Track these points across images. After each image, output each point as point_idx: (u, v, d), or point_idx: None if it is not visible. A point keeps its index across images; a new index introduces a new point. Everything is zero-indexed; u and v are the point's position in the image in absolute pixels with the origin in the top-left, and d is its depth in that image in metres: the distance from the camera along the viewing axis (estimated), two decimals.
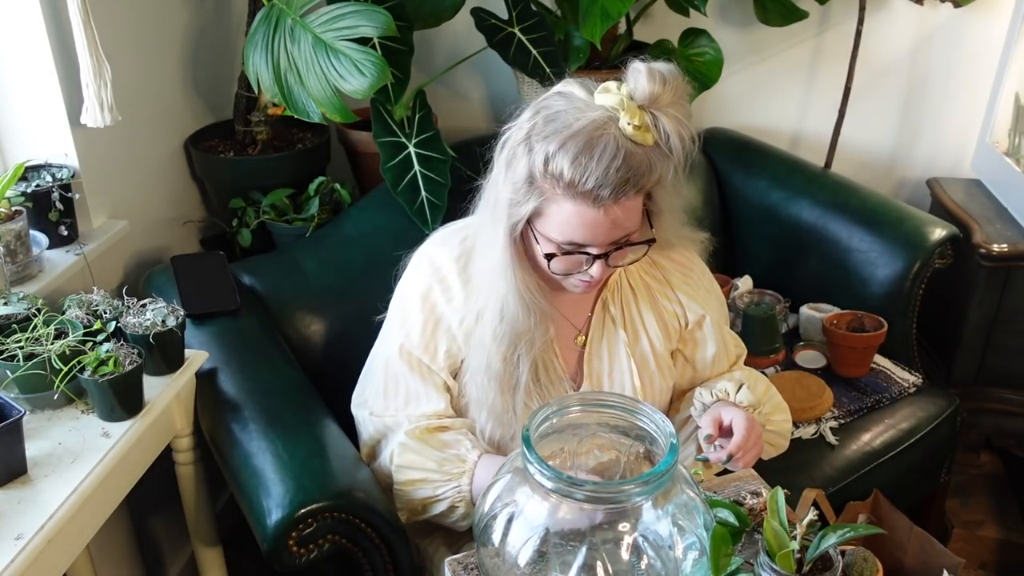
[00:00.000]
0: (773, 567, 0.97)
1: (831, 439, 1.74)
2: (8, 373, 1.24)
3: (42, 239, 1.55)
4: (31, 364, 1.24)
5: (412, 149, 1.76)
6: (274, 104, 1.90)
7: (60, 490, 1.16)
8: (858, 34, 2.20)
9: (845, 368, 1.90)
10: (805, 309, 2.02)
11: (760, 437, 1.28)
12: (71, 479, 1.17)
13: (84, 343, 1.30)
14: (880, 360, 1.95)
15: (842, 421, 1.79)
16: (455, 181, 1.75)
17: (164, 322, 1.37)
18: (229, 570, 1.66)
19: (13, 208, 1.47)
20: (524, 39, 1.85)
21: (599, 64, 2.12)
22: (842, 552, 1.05)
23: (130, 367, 1.27)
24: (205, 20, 2.06)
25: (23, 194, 1.51)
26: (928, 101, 2.41)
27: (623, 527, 0.93)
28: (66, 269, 1.55)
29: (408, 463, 1.32)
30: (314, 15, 1.58)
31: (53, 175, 1.57)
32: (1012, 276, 2.07)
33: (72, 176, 1.59)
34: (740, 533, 1.07)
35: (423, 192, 1.74)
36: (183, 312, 1.41)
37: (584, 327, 1.38)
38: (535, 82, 1.88)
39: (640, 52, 1.56)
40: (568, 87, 1.20)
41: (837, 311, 1.96)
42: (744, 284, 2.11)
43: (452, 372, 1.36)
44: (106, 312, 1.40)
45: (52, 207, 1.54)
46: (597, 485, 0.92)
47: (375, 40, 1.65)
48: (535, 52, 1.85)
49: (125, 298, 1.41)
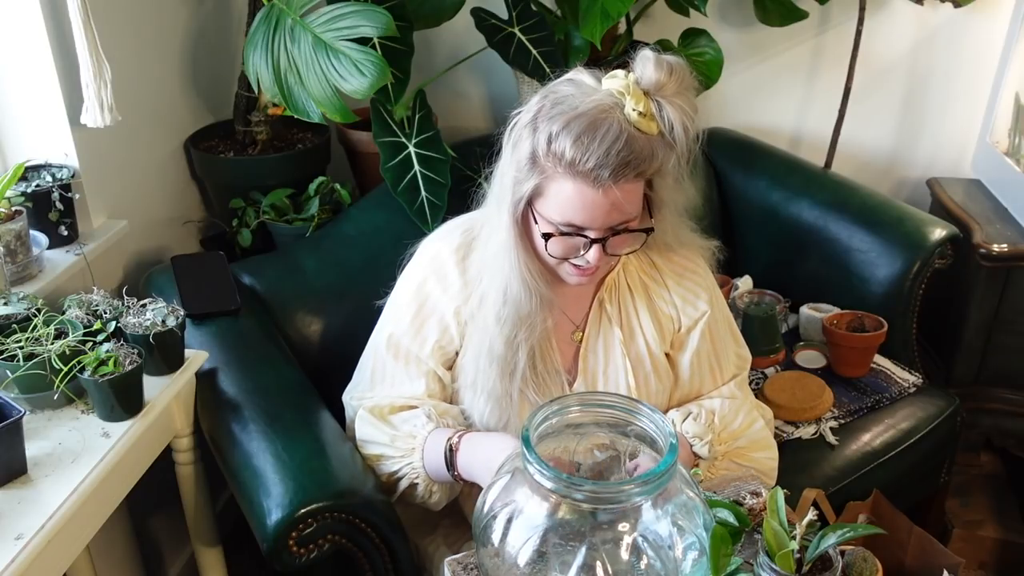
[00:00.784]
0: (773, 567, 0.97)
1: (831, 439, 1.74)
2: (8, 373, 1.24)
3: (42, 239, 1.55)
4: (31, 364, 1.24)
5: (412, 149, 1.76)
6: (274, 104, 1.90)
7: (60, 490, 1.16)
8: (858, 34, 2.20)
9: (845, 368, 1.90)
10: (805, 309, 2.02)
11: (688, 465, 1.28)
12: (71, 479, 1.17)
13: (84, 343, 1.30)
14: (880, 360, 1.94)
15: (842, 421, 1.78)
16: (455, 181, 1.75)
17: (164, 322, 1.37)
18: (229, 570, 1.66)
19: (13, 208, 1.47)
20: (524, 39, 1.85)
21: (599, 64, 2.12)
22: (842, 552, 1.05)
23: (130, 367, 1.27)
24: (205, 20, 2.06)
25: (23, 194, 1.51)
26: (928, 101, 2.41)
27: (623, 527, 0.93)
28: (66, 269, 1.55)
29: (366, 436, 1.34)
30: (314, 15, 1.58)
31: (53, 175, 1.57)
32: (1012, 276, 2.07)
33: (72, 176, 1.59)
34: (740, 533, 1.07)
35: (423, 192, 1.74)
36: (183, 312, 1.41)
37: (581, 324, 1.39)
38: (535, 82, 1.88)
39: None
40: (578, 75, 1.22)
41: (837, 311, 1.95)
42: (744, 284, 2.11)
43: (445, 364, 1.37)
44: (106, 312, 1.40)
45: (52, 207, 1.54)
46: (597, 485, 0.92)
47: (375, 40, 1.65)
48: (535, 52, 1.85)
49: (125, 298, 1.41)
